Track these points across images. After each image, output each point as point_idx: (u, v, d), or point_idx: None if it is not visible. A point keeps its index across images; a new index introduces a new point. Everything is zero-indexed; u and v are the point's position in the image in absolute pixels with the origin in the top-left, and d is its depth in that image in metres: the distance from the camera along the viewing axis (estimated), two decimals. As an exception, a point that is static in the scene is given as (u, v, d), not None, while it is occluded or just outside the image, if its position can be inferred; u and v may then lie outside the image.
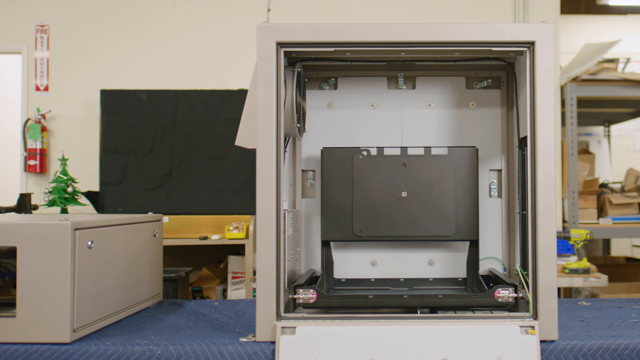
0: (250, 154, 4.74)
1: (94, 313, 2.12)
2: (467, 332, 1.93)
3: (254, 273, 4.40)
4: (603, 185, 5.82)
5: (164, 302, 2.76)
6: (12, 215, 2.32)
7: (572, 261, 4.38)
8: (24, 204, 4.30)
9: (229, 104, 4.97)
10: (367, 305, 2.09)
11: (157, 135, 4.90)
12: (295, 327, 1.93)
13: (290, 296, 2.04)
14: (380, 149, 2.36)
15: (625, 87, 5.43)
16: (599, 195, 5.60)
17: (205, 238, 4.56)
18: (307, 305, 2.06)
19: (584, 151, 6.58)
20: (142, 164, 4.86)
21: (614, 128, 7.54)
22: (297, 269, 2.39)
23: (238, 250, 4.86)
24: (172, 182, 4.85)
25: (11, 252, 2.20)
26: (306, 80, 2.41)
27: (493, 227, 2.49)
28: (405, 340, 1.92)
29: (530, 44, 2.00)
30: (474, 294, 2.16)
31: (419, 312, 2.06)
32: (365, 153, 2.35)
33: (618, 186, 5.98)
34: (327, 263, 2.41)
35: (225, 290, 4.86)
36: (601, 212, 5.58)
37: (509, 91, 2.50)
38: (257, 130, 2.02)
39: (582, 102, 5.51)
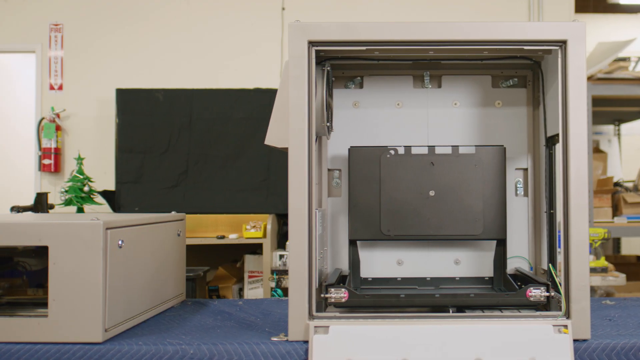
0: (266, 153, 4.78)
1: (124, 312, 2.12)
2: (499, 331, 1.93)
3: (272, 272, 4.40)
4: (617, 184, 5.81)
5: (188, 302, 2.76)
6: (44, 215, 2.32)
7: (590, 260, 4.35)
8: (40, 203, 4.30)
9: (244, 103, 4.96)
10: (398, 304, 2.08)
11: (173, 134, 4.90)
12: (328, 327, 1.93)
13: (322, 295, 2.03)
14: (407, 148, 2.36)
15: (637, 85, 5.41)
16: (613, 194, 5.58)
17: (223, 237, 4.56)
18: (338, 305, 2.05)
19: (596, 150, 6.57)
20: (158, 163, 4.86)
21: (624, 127, 7.53)
22: (325, 268, 2.39)
23: (254, 249, 4.86)
24: (188, 181, 4.85)
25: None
26: (333, 79, 2.41)
27: (519, 226, 2.49)
28: (438, 340, 1.91)
29: (563, 43, 2.00)
30: (505, 293, 2.15)
31: (450, 311, 2.05)
32: (392, 152, 2.34)
33: (631, 185, 5.97)
34: (354, 262, 2.41)
35: (241, 290, 4.86)
36: (615, 210, 5.56)
37: (534, 90, 2.49)
38: (288, 129, 2.02)
39: (594, 101, 5.49)
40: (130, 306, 2.18)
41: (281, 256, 4.48)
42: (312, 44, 2.01)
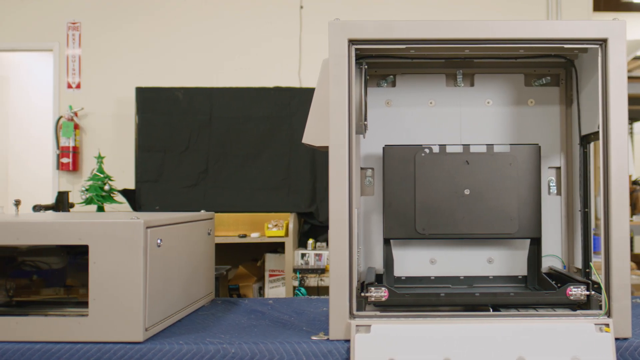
0: (286, 152, 4.77)
1: (162, 312, 2.12)
2: (541, 330, 1.92)
3: (295, 271, 4.39)
4: (635, 183, 5.79)
5: (218, 301, 2.75)
6: (83, 213, 2.31)
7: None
8: (62, 202, 4.30)
9: (264, 102, 4.96)
10: (438, 303, 2.07)
11: (193, 133, 4.89)
12: (369, 326, 1.92)
13: (363, 294, 2.03)
14: (442, 147, 2.35)
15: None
16: (631, 192, 5.57)
17: (245, 236, 4.55)
18: (378, 304, 2.04)
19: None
20: (178, 162, 4.85)
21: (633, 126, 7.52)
22: (358, 267, 2.38)
23: (275, 248, 4.85)
24: (208, 180, 4.84)
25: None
26: (367, 77, 2.40)
27: (552, 224, 2.48)
28: (480, 339, 1.91)
29: (603, 41, 1.99)
30: (545, 291, 2.14)
31: (490, 310, 2.05)
32: (427, 151, 2.33)
33: (646, 183, 5.95)
34: (388, 261, 2.40)
35: (261, 288, 4.85)
36: (634, 209, 5.55)
37: (567, 88, 2.48)
38: (327, 128, 2.01)
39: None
40: (167, 305, 2.18)
41: (303, 255, 4.47)
42: (352, 42, 2.01)
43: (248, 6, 5.60)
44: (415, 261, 2.47)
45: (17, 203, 2.47)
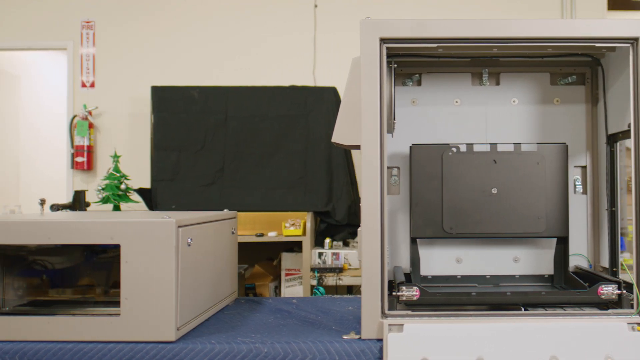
0: (302, 151, 4.76)
1: (191, 311, 2.12)
2: (573, 328, 1.91)
3: (314, 270, 4.39)
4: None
5: (241, 300, 2.76)
6: (116, 213, 2.32)
7: (627, 257, 4.34)
8: (78, 201, 4.30)
9: (280, 101, 4.95)
10: (470, 302, 2.07)
11: (209, 132, 4.89)
12: (402, 325, 1.92)
13: (394, 294, 2.02)
14: (469, 146, 2.34)
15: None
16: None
17: (262, 235, 4.55)
18: (409, 303, 2.04)
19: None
20: (194, 161, 4.85)
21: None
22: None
23: (291, 247, 4.85)
24: (224, 179, 4.83)
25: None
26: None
27: (578, 223, 2.47)
28: (512, 338, 1.90)
29: (635, 40, 1.99)
30: (575, 290, 2.14)
31: (522, 309, 2.04)
32: (454, 149, 2.33)
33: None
34: (414, 260, 2.39)
35: (276, 287, 4.85)
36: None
37: (593, 87, 2.47)
38: (359, 127, 2.01)
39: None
40: (196, 304, 2.18)
41: (320, 254, 4.47)
42: (383, 41, 2.00)
43: (262, 5, 5.60)
44: (441, 260, 2.47)
45: (43, 202, 2.48)
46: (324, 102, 4.93)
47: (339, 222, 4.81)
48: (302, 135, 4.90)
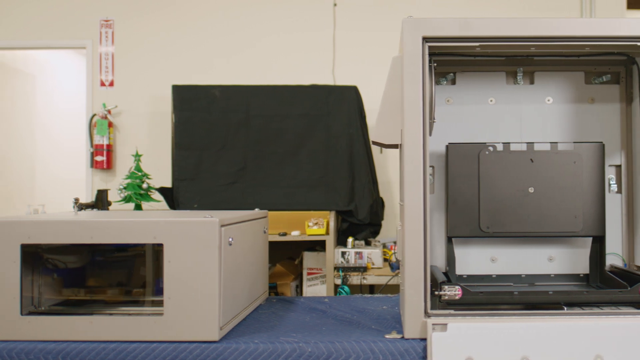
0: (323, 150, 4.76)
1: (232, 310, 2.12)
2: (618, 327, 1.91)
3: (338, 269, 4.38)
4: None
5: (273, 299, 2.76)
6: (158, 212, 2.31)
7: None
8: (101, 200, 4.30)
9: (301, 100, 4.94)
10: (512, 301, 2.06)
11: (230, 131, 4.88)
12: (446, 324, 1.92)
13: (436, 293, 2.02)
14: (506, 145, 2.34)
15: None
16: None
17: (285, 234, 4.55)
18: (451, 302, 2.03)
19: None
20: (216, 160, 4.84)
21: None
22: (422, 266, 2.37)
23: (313, 246, 4.85)
24: (246, 177, 4.82)
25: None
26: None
27: (612, 223, 2.46)
28: (557, 337, 1.90)
29: None
30: (617, 290, 2.13)
31: (565, 308, 2.04)
32: (491, 149, 2.33)
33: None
34: (450, 259, 2.39)
35: (298, 286, 4.85)
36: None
37: (627, 86, 2.47)
38: (399, 126, 2.01)
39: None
40: (236, 304, 2.18)
41: (343, 253, 4.46)
42: (425, 40, 2.00)
43: (281, 3, 5.59)
44: (476, 259, 2.47)
45: (77, 202, 2.47)
46: (345, 101, 4.92)
47: (361, 221, 4.80)
48: (324, 134, 4.89)
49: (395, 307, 2.54)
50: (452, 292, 2.01)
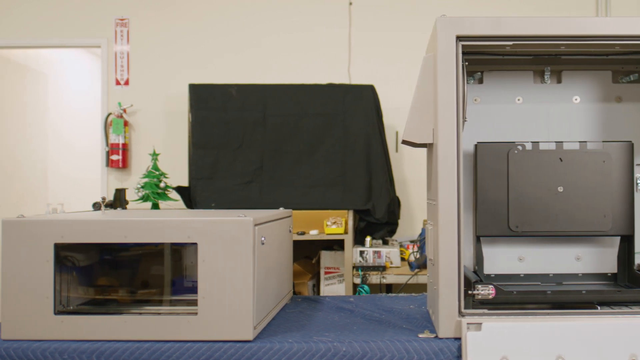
0: (340, 149, 4.76)
1: (263, 310, 2.12)
2: (652, 328, 1.91)
3: (357, 268, 4.38)
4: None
5: (298, 298, 2.75)
6: (190, 211, 2.31)
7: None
8: (119, 199, 4.30)
9: (318, 99, 4.93)
10: (545, 300, 2.07)
11: (247, 130, 4.87)
12: (480, 324, 1.92)
13: (470, 292, 2.02)
14: (535, 144, 2.34)
15: None
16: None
17: (303, 233, 4.54)
18: (485, 302, 2.03)
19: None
20: (233, 159, 4.83)
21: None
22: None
23: (330, 245, 4.85)
24: (263, 176, 4.81)
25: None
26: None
27: (638, 222, 2.46)
28: (591, 336, 1.90)
29: None
30: (651, 289, 2.13)
31: (598, 308, 2.04)
32: (520, 148, 2.32)
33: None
34: (479, 258, 2.39)
35: (314, 286, 4.85)
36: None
37: (655, 85, 2.46)
38: (431, 125, 2.01)
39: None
40: (267, 303, 2.18)
41: (361, 252, 4.46)
42: (459, 38, 2.00)
43: (297, 2, 5.59)
44: (503, 259, 2.46)
45: (103, 201, 2.48)
46: (362, 99, 4.91)
47: (378, 221, 4.80)
48: (341, 133, 4.88)
49: (422, 307, 2.54)
50: (486, 291, 2.01)
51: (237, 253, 1.94)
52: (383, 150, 4.93)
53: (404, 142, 2.22)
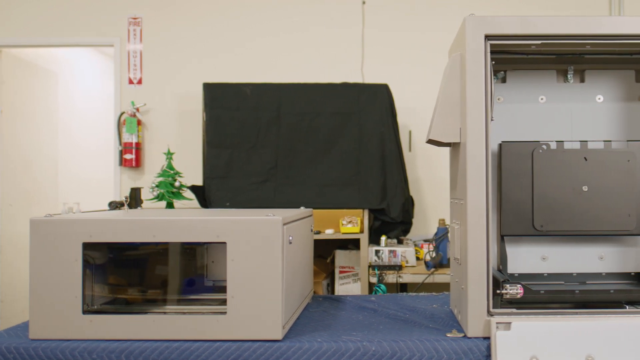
0: (355, 148, 4.75)
1: (290, 309, 2.12)
2: (682, 328, 1.91)
3: (373, 267, 4.38)
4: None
5: (319, 298, 2.76)
6: (218, 210, 2.31)
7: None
8: (134, 199, 4.30)
9: (332, 98, 4.92)
10: (574, 300, 2.06)
11: (262, 129, 4.86)
12: (509, 323, 1.92)
13: (498, 292, 2.02)
14: (559, 143, 2.34)
15: None
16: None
17: (318, 232, 4.54)
18: (513, 301, 2.03)
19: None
20: (247, 158, 4.83)
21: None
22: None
23: (345, 244, 4.84)
24: (277, 176, 4.81)
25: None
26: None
27: (663, 221, 2.46)
28: (620, 335, 1.90)
29: None
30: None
31: (627, 307, 2.04)
32: (545, 147, 2.32)
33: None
34: (503, 258, 2.39)
35: (329, 285, 4.84)
36: None
37: (677, 84, 2.46)
38: (458, 124, 2.01)
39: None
40: (294, 302, 2.18)
41: (377, 251, 4.46)
42: (488, 37, 2.00)
43: (311, 2, 5.58)
44: (527, 258, 2.45)
45: (126, 200, 2.48)
46: (376, 99, 4.90)
47: (393, 220, 4.79)
48: (355, 132, 4.87)
49: (445, 306, 2.54)
50: (514, 290, 2.01)
51: (267, 252, 1.94)
52: (397, 150, 4.92)
53: (430, 141, 2.22)
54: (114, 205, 3.91)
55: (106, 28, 5.59)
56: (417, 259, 4.60)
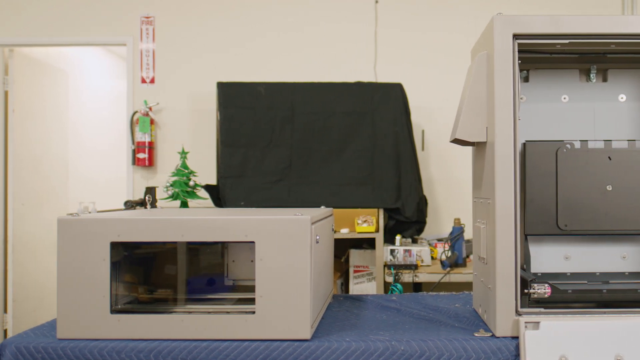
0: (369, 147, 4.75)
1: (317, 309, 2.12)
2: None
3: (389, 267, 4.37)
4: None
5: (340, 297, 2.76)
6: (246, 209, 2.31)
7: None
8: (149, 198, 4.29)
9: (346, 97, 4.92)
10: (602, 299, 2.06)
11: (276, 128, 4.86)
12: (538, 323, 1.92)
13: (526, 291, 2.01)
14: (583, 142, 2.34)
15: None
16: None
17: (334, 232, 4.53)
18: (540, 300, 2.03)
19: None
20: (261, 158, 4.83)
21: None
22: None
23: (360, 243, 4.84)
24: (292, 175, 4.80)
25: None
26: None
27: (685, 220, 2.45)
28: (649, 336, 1.90)
29: None
30: None
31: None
32: (569, 146, 2.32)
33: None
34: (526, 257, 2.39)
35: (343, 284, 4.84)
36: None
37: (700, 83, 2.46)
38: (491, 123, 2.02)
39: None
40: (320, 302, 2.18)
41: (392, 251, 4.46)
42: (516, 37, 2.00)
43: (323, 1, 5.57)
44: (550, 257, 2.46)
45: (149, 199, 2.48)
46: (390, 98, 4.90)
47: (408, 219, 4.79)
48: (369, 131, 4.87)
49: (467, 305, 2.54)
50: (542, 290, 2.01)
51: (295, 251, 1.94)
52: (412, 149, 4.92)
53: (455, 140, 2.22)
54: (130, 205, 3.91)
55: (119, 27, 5.59)
56: (432, 258, 4.60)
